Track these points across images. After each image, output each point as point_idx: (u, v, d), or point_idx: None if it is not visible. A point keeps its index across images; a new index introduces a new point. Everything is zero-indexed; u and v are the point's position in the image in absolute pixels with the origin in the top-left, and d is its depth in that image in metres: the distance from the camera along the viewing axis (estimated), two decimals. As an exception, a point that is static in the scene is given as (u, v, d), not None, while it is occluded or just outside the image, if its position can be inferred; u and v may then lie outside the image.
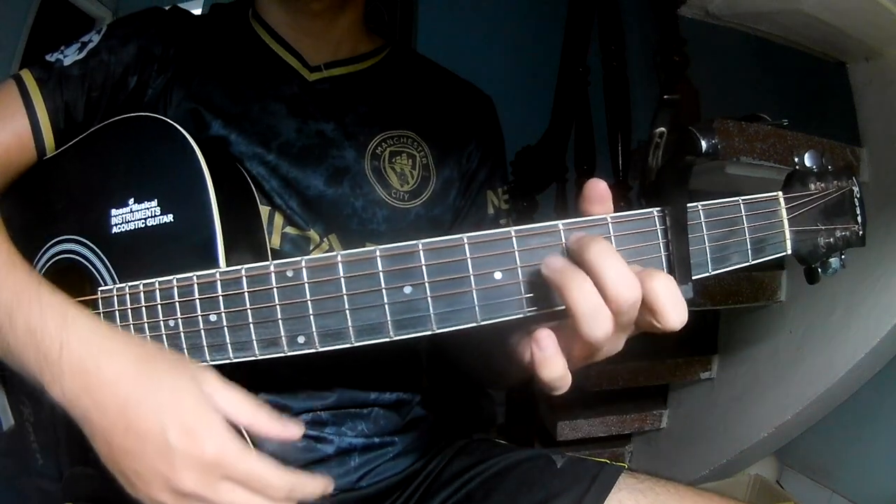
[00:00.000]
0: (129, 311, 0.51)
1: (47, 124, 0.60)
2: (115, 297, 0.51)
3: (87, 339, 0.44)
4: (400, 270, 0.43)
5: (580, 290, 0.38)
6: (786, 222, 0.49)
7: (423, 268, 0.43)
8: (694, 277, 0.45)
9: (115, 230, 0.53)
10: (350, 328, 0.44)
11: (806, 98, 1.63)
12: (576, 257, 0.40)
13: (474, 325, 0.44)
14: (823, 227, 0.50)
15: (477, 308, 0.43)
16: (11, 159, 0.60)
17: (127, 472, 0.43)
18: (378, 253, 0.43)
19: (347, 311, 0.44)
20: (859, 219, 0.51)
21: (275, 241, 0.64)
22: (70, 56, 0.62)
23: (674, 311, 0.39)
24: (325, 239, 0.66)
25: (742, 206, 0.47)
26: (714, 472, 1.46)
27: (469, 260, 0.43)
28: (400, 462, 0.72)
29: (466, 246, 0.43)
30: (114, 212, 0.53)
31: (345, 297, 0.44)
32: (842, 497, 1.44)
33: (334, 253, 0.44)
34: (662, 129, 0.47)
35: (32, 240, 0.59)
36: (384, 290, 0.44)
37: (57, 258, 0.59)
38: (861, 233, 0.51)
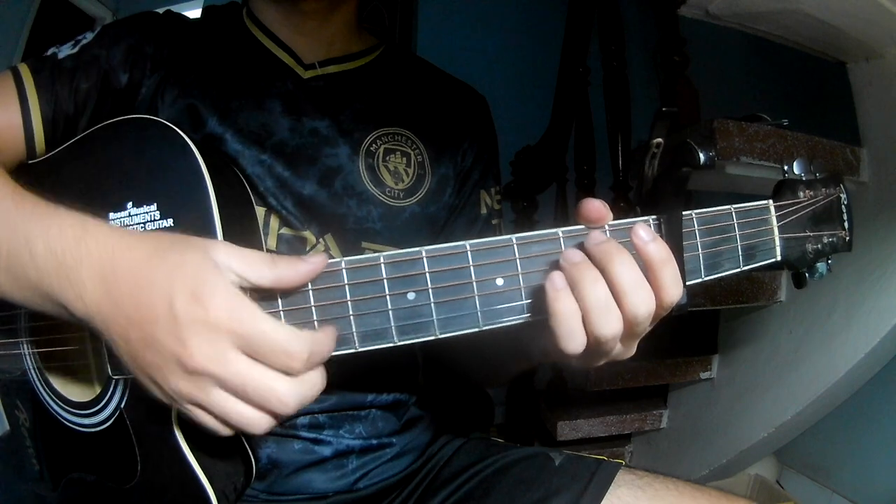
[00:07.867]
0: None
1: (37, 112, 0.61)
2: None
3: (104, 242, 0.43)
4: (403, 277, 0.45)
5: (593, 286, 0.43)
6: (776, 230, 0.51)
7: (427, 275, 0.45)
8: (688, 283, 0.47)
9: None
10: (354, 333, 0.45)
11: (806, 98, 1.63)
12: (598, 264, 0.43)
13: (476, 329, 0.45)
14: (812, 234, 0.52)
15: (479, 314, 0.45)
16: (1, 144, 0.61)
17: (148, 370, 0.42)
18: (382, 259, 0.44)
19: (352, 317, 0.45)
20: (846, 224, 0.53)
21: (271, 242, 0.64)
22: (64, 51, 0.65)
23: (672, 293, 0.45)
24: (320, 240, 0.65)
25: (734, 214, 0.50)
26: (714, 472, 1.46)
27: (472, 267, 0.45)
28: (398, 463, 0.72)
29: (469, 253, 0.45)
30: (112, 216, 0.51)
31: (349, 303, 0.45)
32: (842, 497, 1.44)
33: (338, 260, 0.44)
34: (660, 139, 0.51)
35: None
36: (388, 297, 0.45)
37: None
38: (848, 238, 0.53)
